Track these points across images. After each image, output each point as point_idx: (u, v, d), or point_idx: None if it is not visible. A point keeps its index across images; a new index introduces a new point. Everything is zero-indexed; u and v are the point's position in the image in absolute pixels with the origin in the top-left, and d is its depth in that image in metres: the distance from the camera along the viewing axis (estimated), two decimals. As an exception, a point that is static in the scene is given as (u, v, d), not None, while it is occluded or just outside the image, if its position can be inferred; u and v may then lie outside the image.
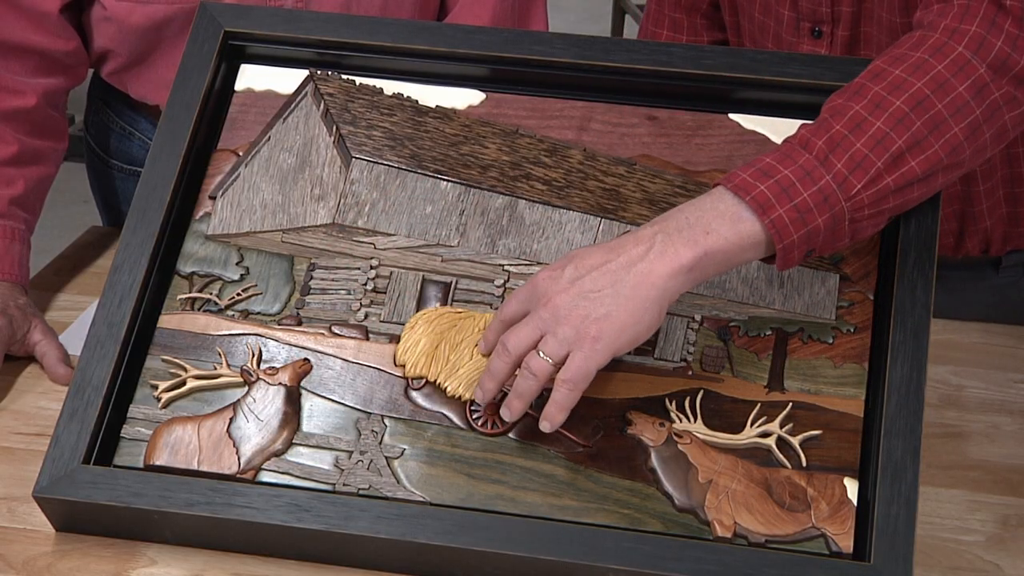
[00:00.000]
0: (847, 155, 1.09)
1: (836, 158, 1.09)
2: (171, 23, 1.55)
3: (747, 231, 1.08)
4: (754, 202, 1.08)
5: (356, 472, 1.14)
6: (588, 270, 1.08)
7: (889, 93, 1.11)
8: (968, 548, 1.17)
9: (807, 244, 1.09)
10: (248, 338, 1.22)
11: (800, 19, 1.42)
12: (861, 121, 1.10)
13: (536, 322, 1.09)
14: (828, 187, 1.08)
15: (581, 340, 1.07)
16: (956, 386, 1.37)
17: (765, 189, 1.08)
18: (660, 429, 1.15)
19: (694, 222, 1.08)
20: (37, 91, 1.53)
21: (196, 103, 1.29)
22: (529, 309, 1.11)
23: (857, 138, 1.09)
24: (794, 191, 1.08)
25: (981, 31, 1.12)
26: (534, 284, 1.11)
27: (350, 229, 1.26)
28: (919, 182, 1.11)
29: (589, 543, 1.08)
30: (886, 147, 1.09)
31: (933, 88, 1.10)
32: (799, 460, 1.13)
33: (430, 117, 1.30)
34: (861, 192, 1.09)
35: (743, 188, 1.09)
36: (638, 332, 1.08)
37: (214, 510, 1.10)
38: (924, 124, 1.10)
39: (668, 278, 1.07)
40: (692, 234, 1.08)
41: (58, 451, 1.14)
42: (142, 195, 1.26)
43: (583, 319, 1.07)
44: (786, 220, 1.08)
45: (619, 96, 1.30)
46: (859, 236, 1.12)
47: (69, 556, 1.14)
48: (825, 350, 1.18)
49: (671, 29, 1.60)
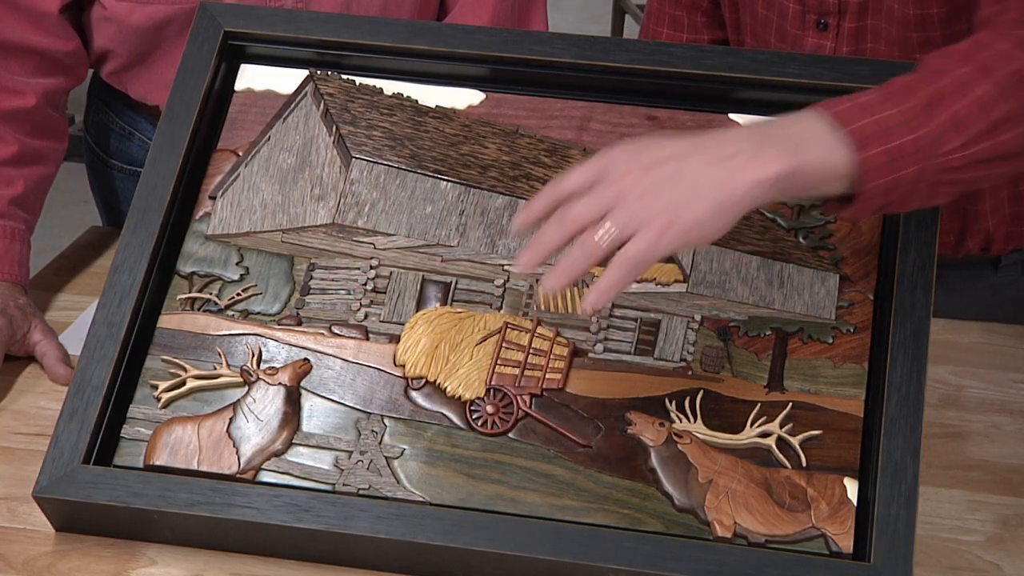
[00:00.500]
0: (949, 111, 1.05)
1: (938, 112, 1.05)
2: (171, 23, 1.55)
3: (839, 161, 1.04)
4: (851, 136, 1.04)
5: (356, 472, 1.14)
6: (667, 158, 1.02)
7: (995, 63, 1.08)
8: (968, 548, 1.17)
9: (888, 194, 1.06)
10: (248, 338, 1.22)
11: (806, 11, 1.42)
12: (968, 82, 1.07)
13: (601, 199, 1.02)
14: (925, 139, 1.05)
15: (650, 224, 1.00)
16: (956, 386, 1.37)
17: (867, 124, 1.04)
18: (660, 429, 1.15)
19: (786, 137, 1.04)
20: (37, 91, 1.53)
21: (196, 103, 1.29)
22: (589, 184, 1.03)
23: (962, 96, 1.06)
24: (891, 135, 1.04)
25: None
26: (605, 161, 1.04)
27: (350, 229, 1.26)
28: (1003, 160, 1.08)
29: (589, 543, 1.08)
30: (988, 112, 1.06)
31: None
32: (799, 460, 1.13)
33: (430, 117, 1.30)
34: (953, 153, 1.05)
35: (842, 119, 1.04)
36: (707, 232, 1.02)
37: (214, 510, 1.10)
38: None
39: (753, 185, 1.02)
40: (785, 148, 1.03)
41: (58, 451, 1.14)
42: (142, 195, 1.26)
43: (656, 203, 1.00)
44: (880, 161, 1.04)
45: (619, 96, 1.30)
46: (930, 201, 1.10)
47: (69, 556, 1.14)
48: (825, 350, 1.18)
49: (671, 27, 1.60)
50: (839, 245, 1.22)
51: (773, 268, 1.22)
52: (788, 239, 1.23)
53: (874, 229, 1.22)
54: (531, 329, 1.20)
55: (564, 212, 1.02)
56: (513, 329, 1.21)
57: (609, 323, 1.21)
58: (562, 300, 1.20)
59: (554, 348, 1.20)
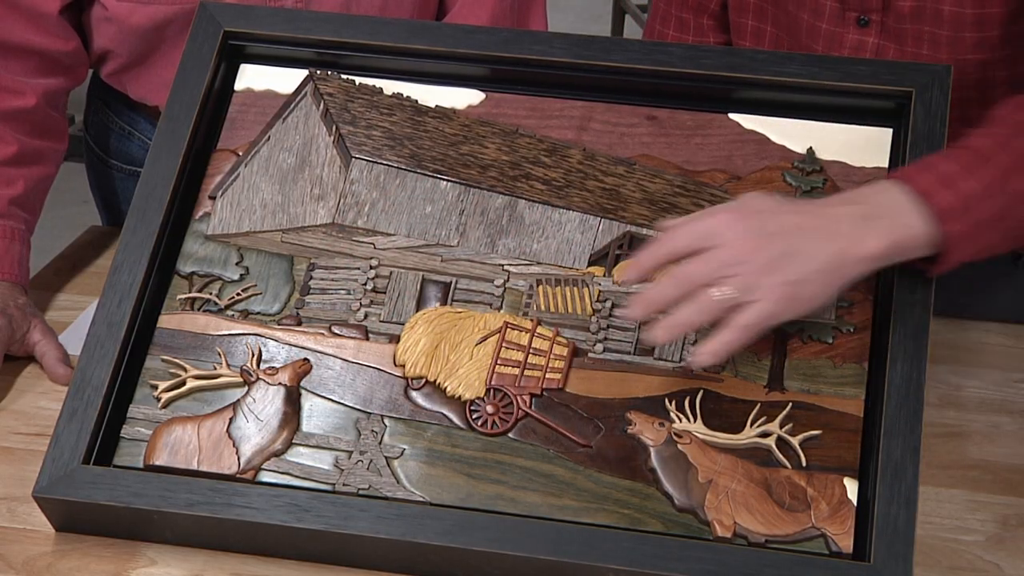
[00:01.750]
0: None
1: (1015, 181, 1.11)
2: (171, 23, 1.55)
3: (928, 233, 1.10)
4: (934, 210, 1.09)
5: (356, 472, 1.14)
6: (782, 228, 1.08)
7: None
8: (968, 548, 1.17)
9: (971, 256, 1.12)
10: (248, 338, 1.22)
11: (845, 8, 1.40)
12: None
13: (718, 264, 1.07)
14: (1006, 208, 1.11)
15: (767, 296, 1.06)
16: (956, 386, 1.37)
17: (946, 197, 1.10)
18: (660, 429, 1.15)
19: (882, 215, 1.10)
20: (37, 91, 1.53)
21: (196, 103, 1.29)
22: (702, 247, 1.08)
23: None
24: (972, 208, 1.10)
25: None
26: (716, 224, 1.09)
27: (350, 229, 1.26)
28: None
29: (589, 543, 1.08)
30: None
31: None
32: (799, 460, 1.13)
33: (430, 117, 1.30)
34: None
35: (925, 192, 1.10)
36: (817, 305, 1.09)
37: (214, 510, 1.10)
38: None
39: (859, 262, 1.09)
40: (883, 225, 1.09)
41: (58, 451, 1.14)
42: (142, 195, 1.26)
43: (778, 276, 1.06)
44: (961, 233, 1.10)
45: (619, 96, 1.30)
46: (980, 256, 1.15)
47: (69, 556, 1.14)
48: (825, 350, 1.18)
49: (677, 29, 1.58)
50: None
51: (773, 268, 1.22)
52: (788, 239, 1.23)
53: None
54: (531, 329, 1.20)
55: (681, 271, 1.08)
56: (513, 329, 1.21)
57: (609, 323, 1.21)
58: (562, 301, 1.20)
59: (554, 348, 1.20)
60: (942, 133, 1.22)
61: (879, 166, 1.24)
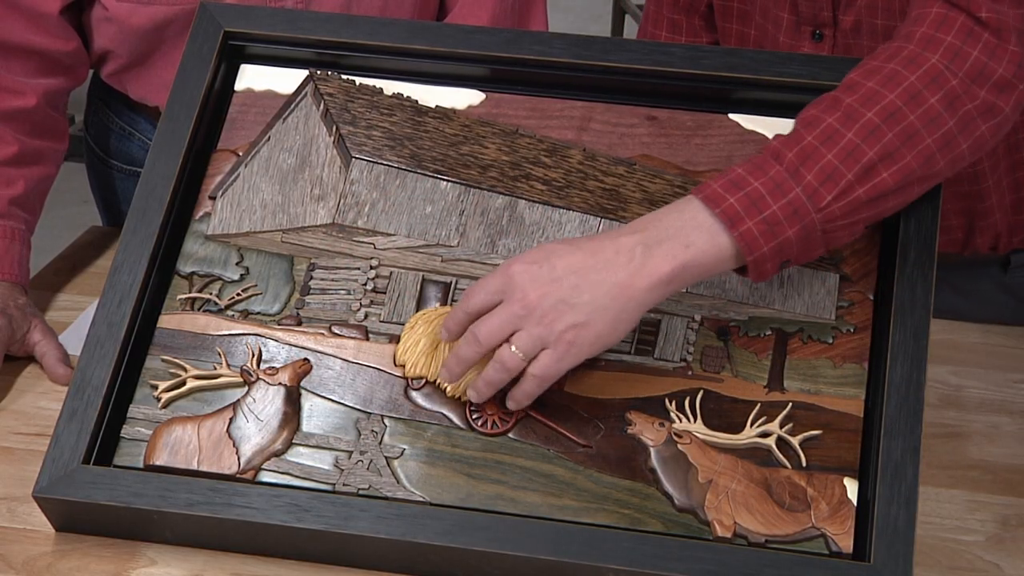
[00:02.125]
0: (818, 167, 1.09)
1: (807, 170, 1.09)
2: (172, 24, 1.55)
3: (723, 244, 1.09)
4: (724, 215, 1.08)
5: (356, 472, 1.14)
6: (566, 271, 1.09)
7: (861, 105, 1.11)
8: (968, 548, 1.17)
9: (779, 256, 1.10)
10: (248, 338, 1.22)
11: (800, 22, 1.42)
12: (833, 133, 1.10)
13: (510, 317, 1.09)
14: (798, 200, 1.09)
15: (556, 342, 1.08)
16: (956, 386, 1.37)
17: (735, 202, 1.09)
18: (660, 429, 1.15)
19: (673, 233, 1.09)
20: (37, 91, 1.53)
21: (196, 103, 1.29)
22: (499, 301, 1.10)
23: (828, 150, 1.09)
24: (763, 204, 1.08)
25: (957, 42, 1.12)
26: (507, 276, 1.10)
27: (350, 229, 1.26)
28: (893, 193, 1.11)
29: (589, 543, 1.08)
30: (857, 159, 1.09)
31: (905, 100, 1.10)
32: (799, 460, 1.13)
33: (430, 117, 1.30)
34: (832, 204, 1.09)
35: (713, 200, 1.09)
36: (611, 341, 1.10)
37: (214, 510, 1.10)
38: (896, 136, 1.10)
39: (647, 291, 1.08)
40: (672, 247, 1.08)
41: (58, 451, 1.14)
42: (142, 195, 1.26)
43: (560, 322, 1.08)
44: (755, 233, 1.08)
45: (618, 96, 1.30)
46: (834, 244, 1.12)
47: (69, 556, 1.14)
48: (825, 350, 1.18)
49: (670, 31, 1.59)
50: (839, 245, 1.22)
51: (773, 268, 1.22)
52: (788, 239, 1.23)
53: (874, 229, 1.22)
54: (531, 329, 1.20)
55: (476, 329, 1.11)
56: (513, 329, 1.20)
57: (609, 323, 1.21)
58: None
59: (554, 348, 1.19)
60: (942, 133, 1.22)
61: (879, 166, 1.24)
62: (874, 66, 1.14)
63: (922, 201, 1.19)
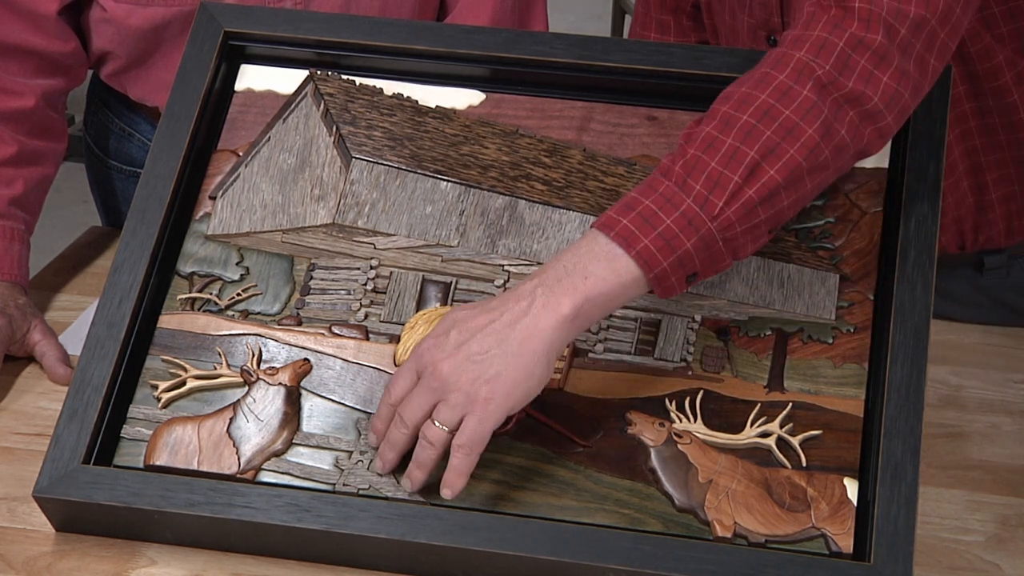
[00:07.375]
0: (704, 175, 1.08)
1: (694, 180, 1.08)
2: (170, 25, 1.55)
3: (622, 268, 1.08)
4: (619, 237, 1.08)
5: (356, 472, 1.14)
6: (472, 333, 1.08)
7: (735, 110, 1.11)
8: (968, 548, 1.17)
9: (681, 270, 1.09)
10: (248, 338, 1.22)
11: (757, 27, 1.43)
12: (712, 140, 1.10)
13: (427, 392, 1.08)
14: (690, 210, 1.08)
15: (473, 404, 1.06)
16: (956, 386, 1.37)
17: (628, 223, 1.08)
18: (660, 429, 1.15)
19: (571, 269, 1.08)
20: (36, 92, 1.53)
21: (196, 103, 1.29)
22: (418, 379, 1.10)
23: (711, 157, 1.09)
24: (656, 219, 1.08)
25: (823, 34, 1.11)
26: (418, 355, 1.10)
27: (350, 229, 1.26)
28: (784, 189, 1.10)
29: (589, 543, 1.08)
30: (740, 160, 1.08)
31: (777, 97, 1.10)
32: (799, 460, 1.13)
33: (430, 117, 1.30)
34: (724, 210, 1.08)
35: (608, 225, 1.09)
36: (530, 387, 1.07)
37: (214, 510, 1.10)
38: (775, 132, 1.09)
39: (553, 330, 1.07)
40: (571, 282, 1.07)
41: (58, 451, 1.14)
42: (142, 195, 1.26)
43: (473, 382, 1.06)
44: (652, 249, 1.07)
45: (619, 96, 1.30)
46: (742, 253, 1.12)
47: (69, 556, 1.14)
48: (825, 350, 1.18)
49: (659, 31, 1.60)
50: (839, 245, 1.22)
51: (773, 268, 1.22)
52: (788, 239, 1.23)
53: (874, 229, 1.22)
54: (531, 329, 1.20)
55: (401, 412, 1.10)
56: (513, 329, 1.20)
57: (609, 323, 1.21)
58: None
59: (554, 348, 1.19)
60: (942, 133, 1.23)
61: (879, 166, 1.24)
62: (747, 75, 1.14)
63: (922, 201, 1.19)
